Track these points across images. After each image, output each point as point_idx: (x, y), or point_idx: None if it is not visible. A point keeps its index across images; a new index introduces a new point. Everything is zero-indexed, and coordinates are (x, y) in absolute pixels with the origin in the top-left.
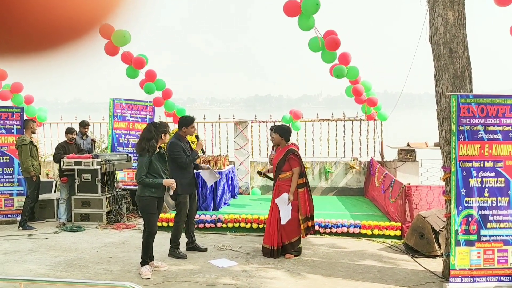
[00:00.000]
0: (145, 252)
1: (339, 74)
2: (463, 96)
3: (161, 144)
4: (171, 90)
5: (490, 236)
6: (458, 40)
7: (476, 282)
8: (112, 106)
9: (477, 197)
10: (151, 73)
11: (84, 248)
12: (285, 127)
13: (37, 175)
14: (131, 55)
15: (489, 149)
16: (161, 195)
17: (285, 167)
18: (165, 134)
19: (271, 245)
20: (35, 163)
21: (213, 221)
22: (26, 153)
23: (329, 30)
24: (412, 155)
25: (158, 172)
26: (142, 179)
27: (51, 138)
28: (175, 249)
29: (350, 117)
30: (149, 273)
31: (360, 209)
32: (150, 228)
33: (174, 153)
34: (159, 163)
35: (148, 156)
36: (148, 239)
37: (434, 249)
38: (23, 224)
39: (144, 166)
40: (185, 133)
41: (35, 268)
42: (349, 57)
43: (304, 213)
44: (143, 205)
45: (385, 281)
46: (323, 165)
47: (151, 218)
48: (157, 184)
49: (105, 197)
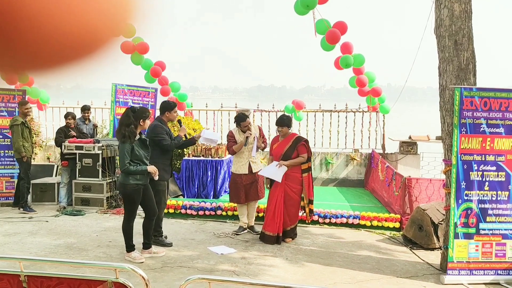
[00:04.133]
0: (127, 238)
1: (347, 64)
2: (467, 89)
3: (141, 130)
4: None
5: (489, 230)
6: (463, 32)
7: (473, 275)
8: (114, 91)
9: (477, 190)
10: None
11: (84, 232)
12: (289, 117)
13: (29, 156)
14: (131, 44)
15: (491, 142)
16: (146, 182)
17: (294, 154)
18: (144, 120)
19: (275, 232)
20: (26, 144)
21: (213, 208)
22: (18, 134)
23: (338, 21)
24: (414, 148)
25: (141, 159)
26: (126, 167)
27: (53, 122)
28: (158, 237)
29: (353, 109)
30: (141, 256)
31: (360, 200)
32: (129, 216)
33: (158, 136)
34: (141, 150)
35: (130, 143)
36: (127, 225)
37: (432, 242)
38: (24, 206)
39: (126, 153)
40: (168, 117)
41: (35, 250)
42: (351, 47)
43: (307, 197)
44: (127, 193)
45: (382, 271)
46: (324, 156)
47: (133, 206)
48: (142, 171)
49: (105, 182)
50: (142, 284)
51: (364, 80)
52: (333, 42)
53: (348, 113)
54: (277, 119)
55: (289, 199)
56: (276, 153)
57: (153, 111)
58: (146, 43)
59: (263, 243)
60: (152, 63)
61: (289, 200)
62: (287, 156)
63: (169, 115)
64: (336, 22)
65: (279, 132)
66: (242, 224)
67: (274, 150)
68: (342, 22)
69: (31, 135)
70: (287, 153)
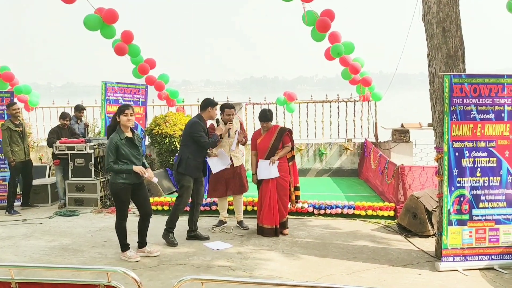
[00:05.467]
0: (122, 237)
1: (339, 52)
2: (456, 76)
3: (123, 127)
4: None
5: (482, 216)
6: (451, 19)
7: (468, 261)
8: (104, 89)
9: (469, 177)
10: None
11: (78, 233)
12: (271, 111)
13: (19, 160)
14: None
15: (481, 129)
16: (135, 181)
17: (280, 145)
18: (119, 116)
19: (273, 225)
20: (16, 148)
21: (207, 204)
22: (4, 140)
23: (325, 10)
24: (406, 135)
25: (127, 158)
26: (109, 165)
27: (44, 122)
28: (169, 233)
29: (344, 99)
30: (137, 255)
31: (354, 190)
32: (120, 214)
33: (196, 133)
34: (127, 148)
35: (113, 142)
36: (119, 225)
37: (427, 229)
38: (8, 209)
39: (110, 152)
40: (209, 114)
41: (29, 253)
42: (339, 36)
43: (293, 184)
44: (114, 191)
45: (378, 261)
46: (318, 147)
47: (122, 205)
48: (126, 170)
49: (99, 181)
50: (135, 285)
51: (357, 66)
52: (324, 30)
53: (340, 103)
54: (260, 114)
55: (282, 189)
56: (262, 146)
57: (144, 108)
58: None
59: (260, 236)
60: (142, 59)
61: (282, 190)
62: (274, 148)
63: (211, 111)
64: (324, 11)
65: (263, 127)
66: (222, 218)
67: (259, 144)
68: (329, 10)
69: (23, 138)
70: (274, 145)
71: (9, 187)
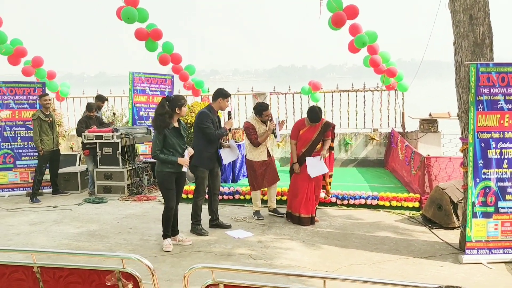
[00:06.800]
0: (165, 226)
1: (363, 43)
2: (483, 65)
3: (179, 117)
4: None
5: (508, 208)
6: (479, 6)
7: (492, 254)
8: (131, 80)
9: (495, 168)
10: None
11: (105, 219)
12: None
13: (48, 149)
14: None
15: (509, 119)
16: (179, 170)
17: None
18: (180, 108)
19: (309, 214)
20: (45, 138)
21: (231, 193)
22: (35, 129)
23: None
24: (434, 125)
25: (174, 148)
26: (156, 154)
27: (74, 112)
28: (196, 226)
29: (371, 88)
30: (170, 246)
31: (379, 180)
32: (167, 202)
33: (203, 123)
34: (175, 138)
35: (161, 132)
36: (166, 213)
37: (452, 221)
38: (31, 197)
39: (158, 141)
40: (220, 105)
41: (59, 239)
42: (359, 28)
43: (330, 171)
44: (160, 180)
45: (400, 252)
46: (343, 137)
47: (168, 193)
48: (171, 160)
49: (126, 170)
50: (149, 273)
51: (378, 60)
52: (339, 25)
53: (366, 92)
54: (311, 115)
55: (317, 180)
56: (305, 138)
57: None
58: (159, 29)
59: (281, 225)
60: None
61: (317, 181)
62: (316, 142)
63: (221, 102)
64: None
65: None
66: (257, 208)
67: (302, 135)
68: (352, 6)
69: (53, 127)
70: (317, 139)
71: (36, 175)
